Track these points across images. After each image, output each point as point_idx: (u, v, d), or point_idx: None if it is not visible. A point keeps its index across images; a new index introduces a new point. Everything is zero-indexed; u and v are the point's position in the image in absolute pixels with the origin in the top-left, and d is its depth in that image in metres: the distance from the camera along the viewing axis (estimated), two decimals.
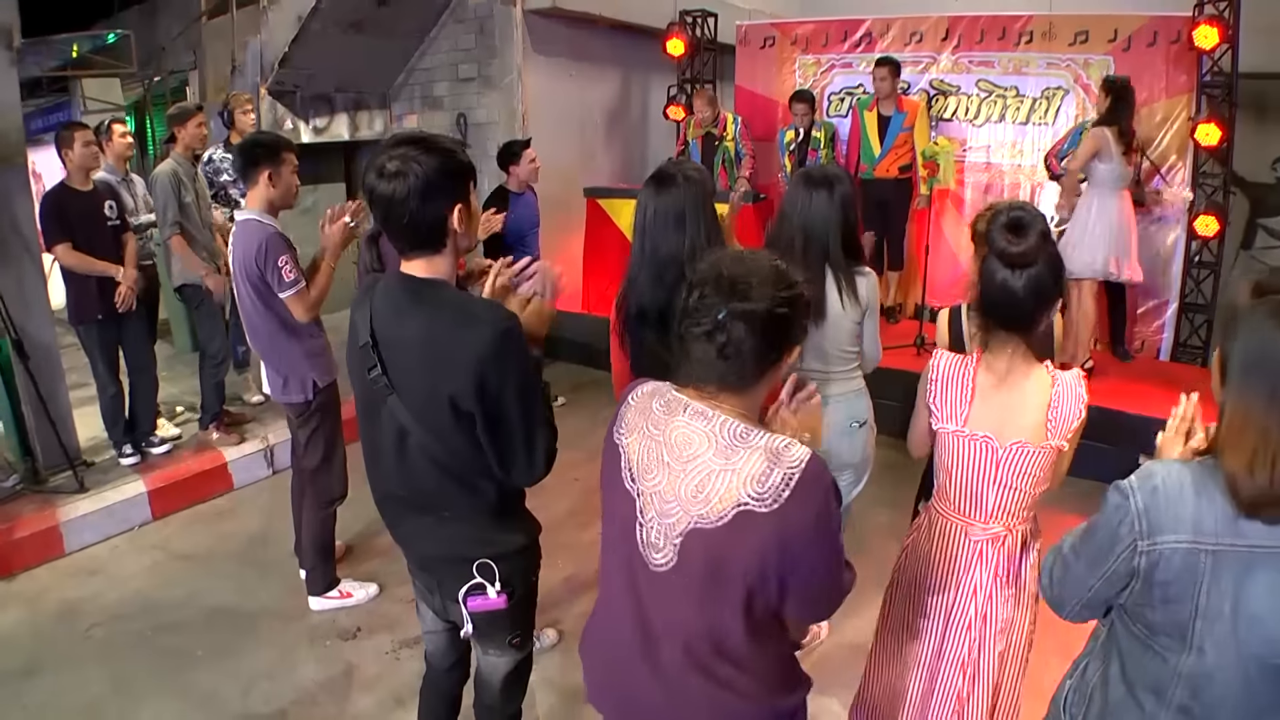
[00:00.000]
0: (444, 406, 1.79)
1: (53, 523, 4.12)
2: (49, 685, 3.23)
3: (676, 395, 1.52)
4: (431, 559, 2.08)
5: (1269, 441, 1.24)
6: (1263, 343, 1.27)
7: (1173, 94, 6.12)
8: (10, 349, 4.26)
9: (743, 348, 1.41)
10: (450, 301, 1.85)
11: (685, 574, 1.46)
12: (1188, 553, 1.31)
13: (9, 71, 4.32)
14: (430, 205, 1.78)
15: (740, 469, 1.41)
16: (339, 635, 3.51)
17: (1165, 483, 1.36)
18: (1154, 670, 1.39)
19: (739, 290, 1.40)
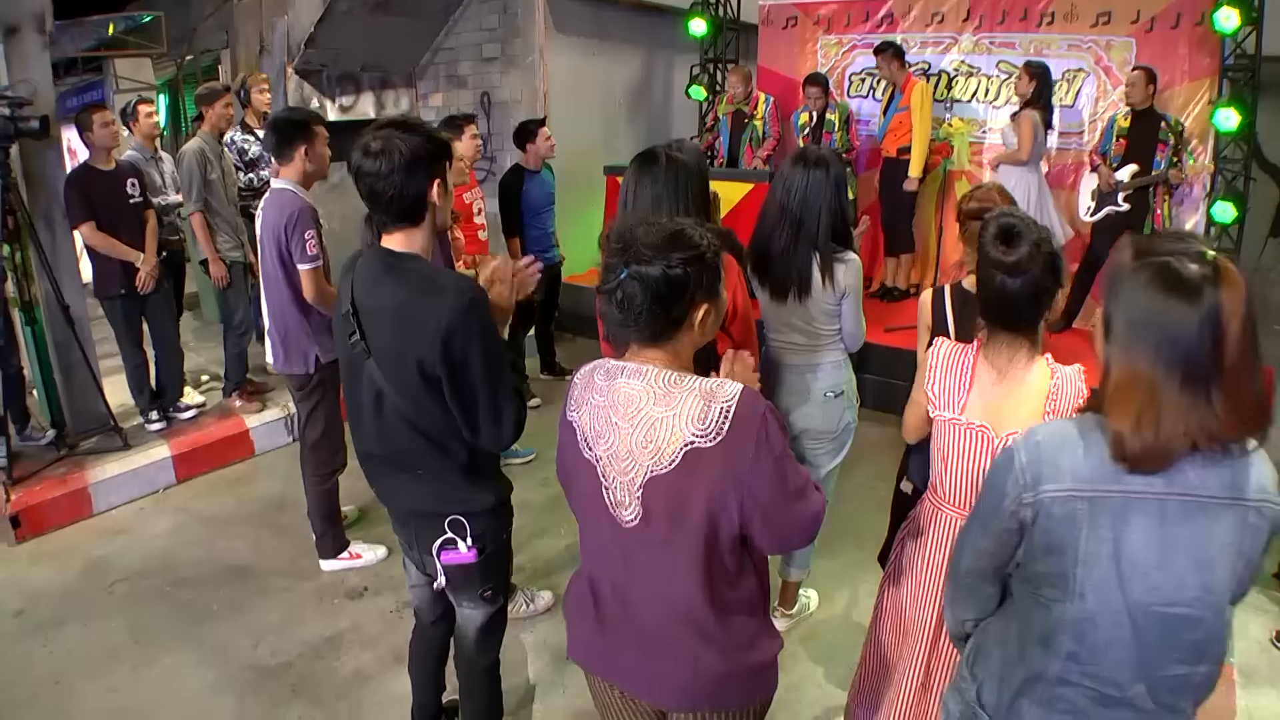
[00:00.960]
0: (413, 371, 1.93)
1: (83, 484, 4.33)
2: (74, 635, 3.43)
3: (615, 363, 1.63)
4: (408, 514, 2.22)
5: (1154, 399, 1.29)
6: (1148, 304, 1.31)
7: (1195, 77, 6.02)
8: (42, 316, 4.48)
9: (640, 305, 1.53)
10: (420, 272, 1.99)
11: (652, 523, 1.56)
12: (1066, 500, 1.37)
13: (41, 55, 4.48)
14: (412, 180, 1.93)
15: (680, 411, 1.52)
16: (346, 594, 3.67)
17: (1046, 437, 1.42)
18: (1041, 622, 1.45)
19: (636, 253, 1.52)
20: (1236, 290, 1.26)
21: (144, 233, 4.66)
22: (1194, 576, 1.33)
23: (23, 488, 4.19)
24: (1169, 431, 1.29)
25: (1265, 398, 1.31)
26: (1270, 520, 1.34)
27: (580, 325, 7.01)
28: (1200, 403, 1.28)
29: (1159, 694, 1.41)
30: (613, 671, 1.76)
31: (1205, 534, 1.33)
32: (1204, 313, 1.26)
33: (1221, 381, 1.28)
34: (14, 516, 4.08)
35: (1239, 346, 1.27)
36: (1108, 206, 5.77)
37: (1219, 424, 1.28)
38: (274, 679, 3.18)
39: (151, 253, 4.65)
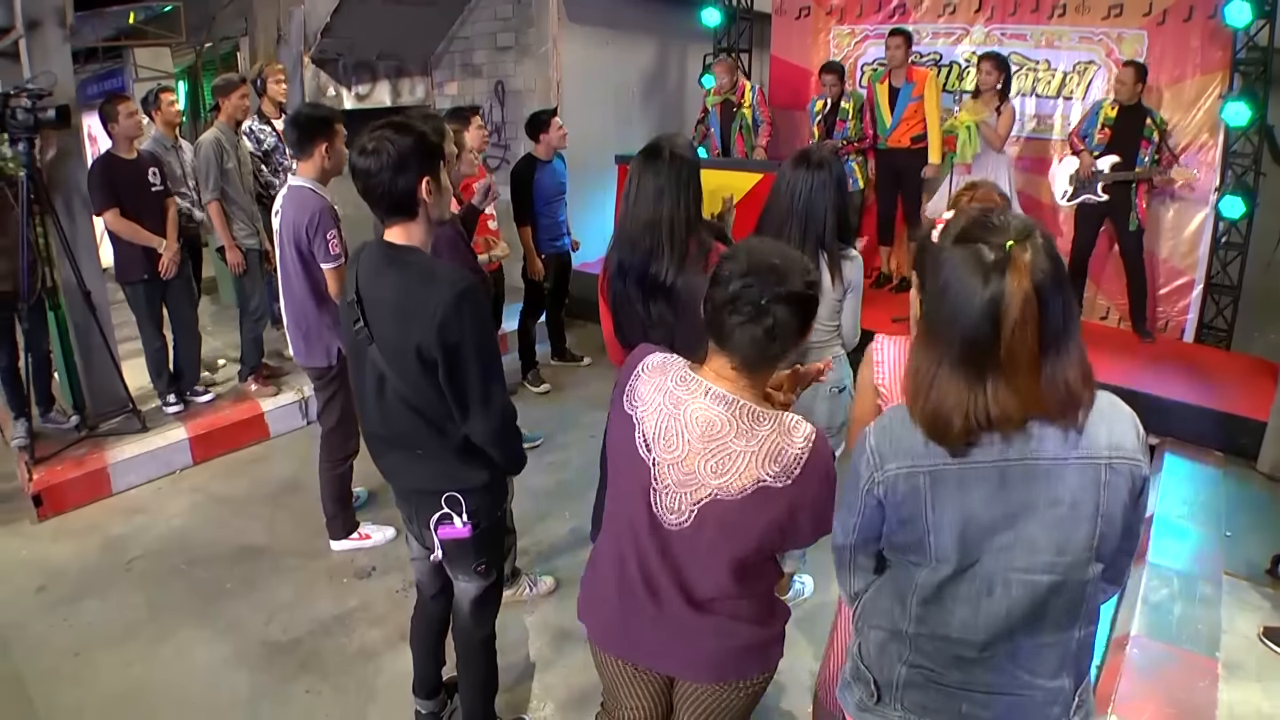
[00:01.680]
0: (412, 356, 2.07)
1: (102, 465, 4.46)
2: (94, 609, 3.56)
3: (693, 375, 1.70)
4: (408, 490, 2.37)
5: (931, 379, 1.36)
6: (942, 283, 1.36)
7: (1207, 70, 5.98)
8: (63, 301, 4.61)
9: (788, 327, 1.61)
10: (418, 264, 2.12)
11: (702, 533, 1.67)
12: (908, 476, 1.42)
13: (62, 49, 4.58)
14: (401, 177, 2.06)
15: (759, 450, 1.61)
16: (355, 574, 3.79)
17: (890, 419, 1.49)
18: (902, 581, 1.52)
19: (779, 277, 1.59)
20: (1023, 279, 1.28)
21: (165, 220, 4.77)
22: (1046, 538, 1.37)
23: (44, 467, 4.33)
24: (946, 409, 1.34)
25: (1069, 386, 1.33)
26: (1126, 476, 1.37)
27: (589, 312, 7.02)
28: (976, 388, 1.32)
29: (1028, 662, 1.45)
30: (636, 650, 1.87)
31: (1053, 495, 1.36)
32: (985, 298, 1.29)
33: (999, 369, 1.31)
34: (36, 496, 4.21)
35: (1021, 335, 1.28)
36: (1085, 194, 5.83)
37: (996, 411, 1.32)
38: (284, 654, 3.30)
39: (173, 239, 4.76)
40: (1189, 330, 6.23)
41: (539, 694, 3.11)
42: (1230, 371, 5.46)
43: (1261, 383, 5.08)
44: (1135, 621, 3.23)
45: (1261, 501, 4.37)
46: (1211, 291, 6.16)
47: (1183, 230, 6.17)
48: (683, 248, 2.59)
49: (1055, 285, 1.30)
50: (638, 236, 2.62)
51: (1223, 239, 6.07)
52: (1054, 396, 1.32)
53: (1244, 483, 4.54)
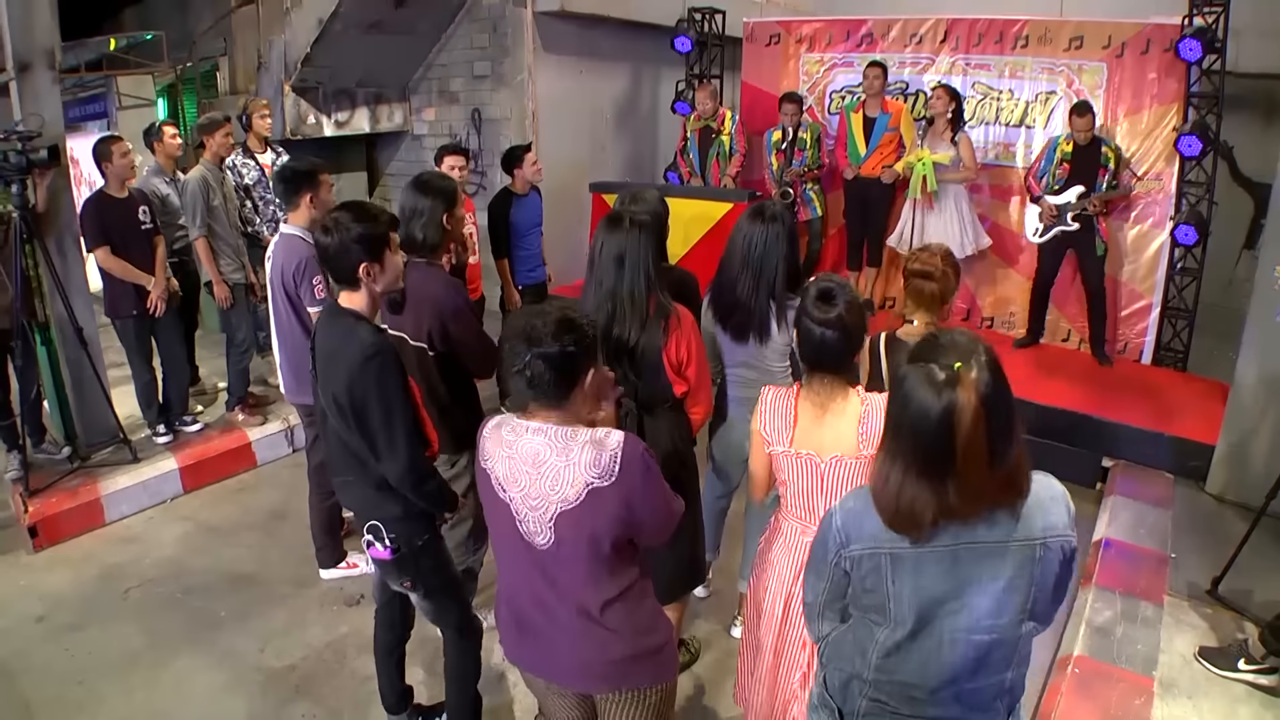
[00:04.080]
0: (332, 401, 2.45)
1: (95, 495, 4.60)
2: (93, 639, 3.71)
3: (518, 421, 2.00)
4: (353, 510, 2.75)
5: (898, 484, 1.59)
6: (903, 400, 1.59)
7: (1164, 101, 6.23)
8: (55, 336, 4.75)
9: (543, 379, 1.89)
10: (348, 326, 2.47)
11: (563, 545, 1.94)
12: (870, 556, 1.69)
13: (52, 90, 4.74)
14: (346, 257, 2.43)
15: (578, 460, 1.90)
16: (344, 602, 3.96)
17: (854, 503, 1.74)
18: (865, 636, 1.77)
19: (535, 339, 1.88)
20: (970, 395, 1.51)
21: (154, 258, 4.92)
22: (988, 605, 1.63)
23: (39, 499, 4.46)
24: (916, 508, 1.58)
25: (1012, 483, 1.59)
26: (1056, 551, 1.63)
27: None
28: (938, 489, 1.56)
29: (969, 699, 1.73)
30: (541, 668, 2.15)
31: (995, 572, 1.62)
32: (940, 410, 1.52)
33: (956, 473, 1.54)
34: (32, 527, 4.34)
35: (971, 441, 1.52)
36: (1057, 227, 6.08)
37: (958, 504, 1.56)
38: (280, 681, 3.46)
39: (161, 277, 4.91)
40: (1147, 352, 6.48)
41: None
42: (1184, 395, 5.70)
43: (1212, 406, 5.31)
44: (1079, 643, 3.45)
45: (1208, 523, 4.59)
46: (1168, 315, 6.42)
47: (1141, 255, 6.44)
48: (643, 311, 2.76)
49: (998, 396, 1.54)
50: (600, 301, 2.80)
51: (1179, 264, 6.32)
52: (1001, 488, 1.59)
53: (1192, 505, 4.77)
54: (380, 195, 8.97)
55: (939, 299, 2.86)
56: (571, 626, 2.02)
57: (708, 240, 6.37)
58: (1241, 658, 3.43)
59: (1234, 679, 3.40)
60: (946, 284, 2.84)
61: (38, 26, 4.64)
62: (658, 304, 2.78)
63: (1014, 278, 6.96)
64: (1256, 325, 4.87)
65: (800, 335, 2.30)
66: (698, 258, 6.14)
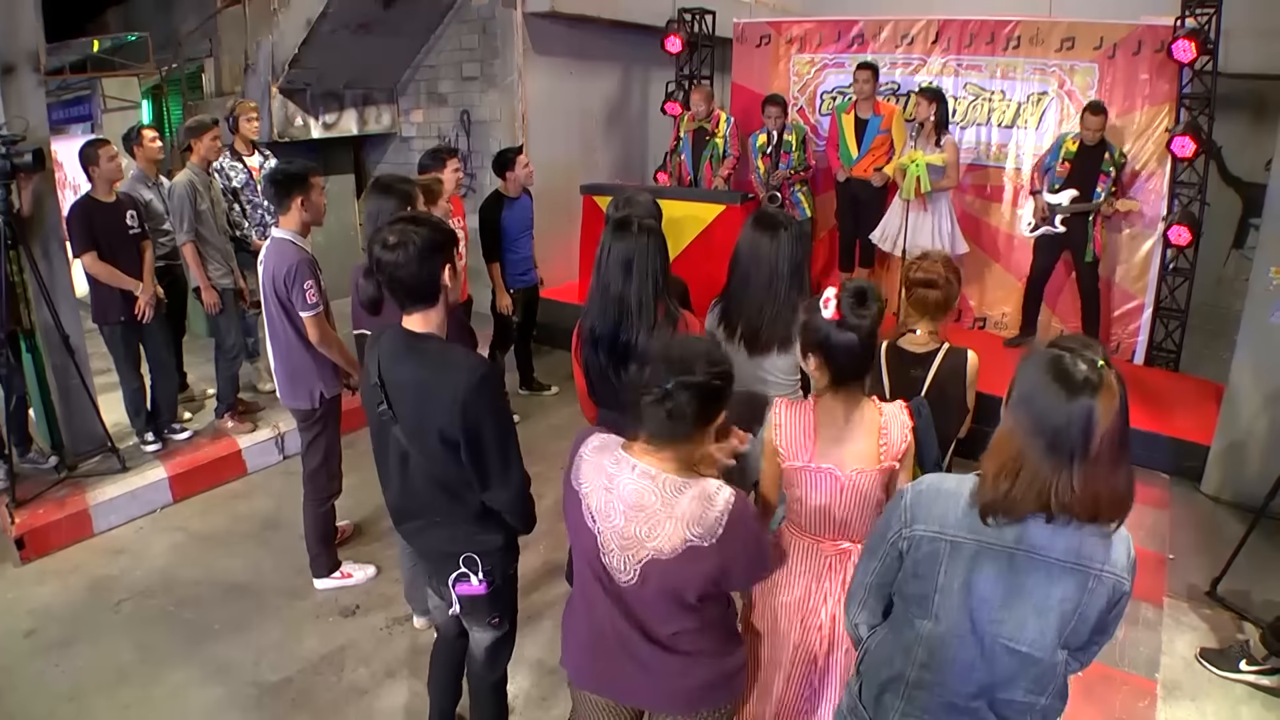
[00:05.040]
0: (435, 436, 2.25)
1: (83, 506, 4.51)
2: (84, 654, 3.63)
3: (623, 454, 1.90)
4: (428, 552, 2.57)
5: (1018, 458, 1.57)
6: (1037, 384, 1.57)
7: (1155, 102, 6.27)
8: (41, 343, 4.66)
9: (686, 411, 1.80)
10: (437, 351, 2.31)
11: (647, 588, 1.88)
12: (932, 540, 1.68)
13: (36, 93, 4.65)
14: (426, 266, 2.25)
15: (682, 515, 1.81)
16: (339, 612, 3.89)
17: (928, 485, 1.74)
18: (907, 634, 1.76)
19: (683, 367, 1.80)
20: (1112, 399, 1.52)
21: (142, 263, 4.84)
22: (1034, 620, 1.62)
23: (26, 510, 4.38)
24: (1022, 489, 1.55)
25: (1124, 497, 1.58)
26: (1109, 588, 1.61)
27: (555, 338, 7.21)
28: (1062, 474, 1.54)
29: (1004, 712, 1.71)
30: (612, 688, 2.10)
31: (1045, 588, 1.61)
32: (1078, 408, 1.51)
33: (1085, 466, 1.52)
34: (19, 539, 4.25)
35: (1108, 444, 1.52)
36: (1045, 227, 6.13)
37: (1073, 499, 1.54)
38: (276, 695, 3.40)
39: (149, 282, 4.83)
40: (1139, 352, 6.50)
41: None
42: (1177, 395, 5.71)
43: (1206, 406, 5.33)
44: None
45: (1204, 523, 4.61)
46: (1160, 315, 6.44)
47: (1134, 256, 6.47)
48: (651, 316, 2.73)
49: (1126, 405, 1.56)
50: (608, 306, 2.76)
51: (1171, 265, 6.35)
52: (1115, 500, 1.57)
53: (1188, 505, 4.78)
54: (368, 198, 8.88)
55: (942, 307, 2.84)
56: (648, 653, 1.96)
57: (699, 242, 6.34)
58: (1243, 659, 3.45)
59: (1235, 680, 3.42)
60: (949, 291, 2.83)
61: (21, 27, 4.55)
62: (666, 310, 2.75)
63: (1005, 278, 6.97)
64: (1251, 326, 4.88)
65: (831, 350, 2.18)
66: (689, 260, 6.10)
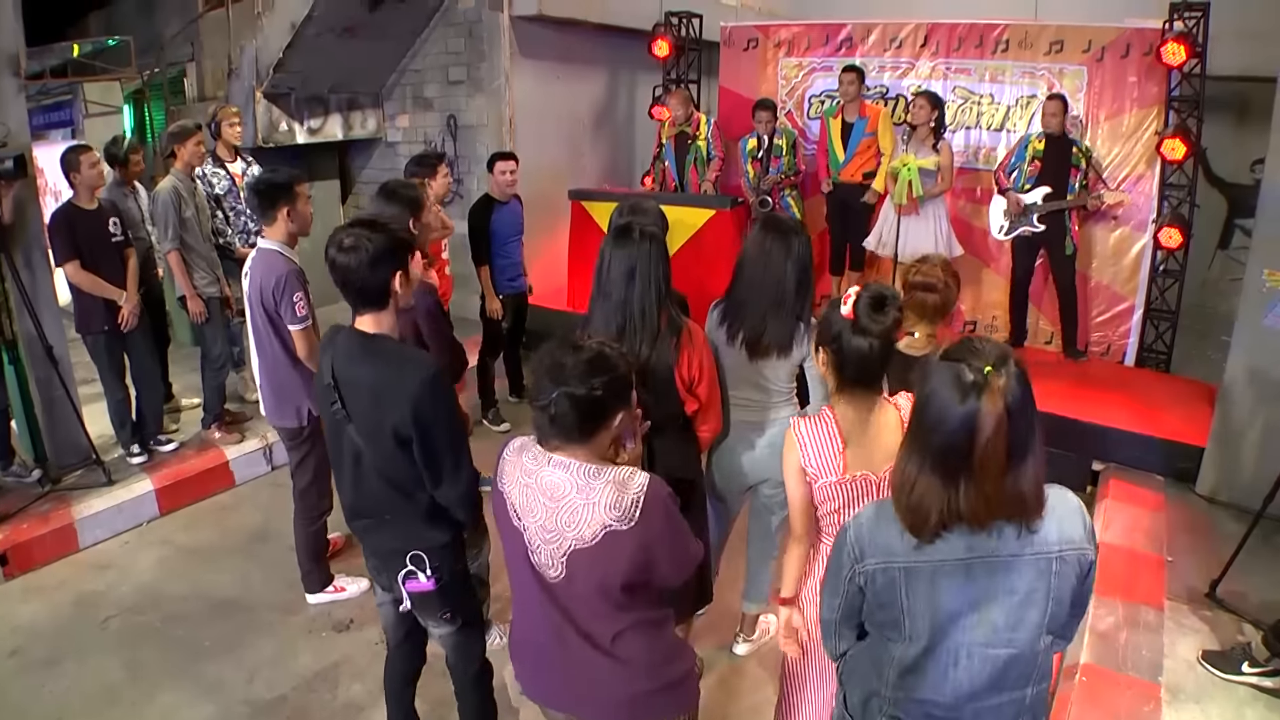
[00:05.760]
0: (389, 434, 2.27)
1: (68, 520, 4.42)
2: (71, 673, 3.54)
3: (540, 450, 1.92)
4: (378, 550, 2.58)
5: (913, 476, 1.57)
6: (928, 395, 1.57)
7: (1144, 105, 6.27)
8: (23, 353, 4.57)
9: (567, 419, 1.83)
10: (390, 352, 2.35)
11: (575, 581, 1.88)
12: (884, 571, 1.66)
13: (17, 98, 4.56)
14: (377, 272, 2.28)
15: (598, 501, 1.82)
16: (333, 627, 3.83)
17: (868, 518, 1.72)
18: (881, 653, 1.75)
19: (563, 377, 1.81)
20: (997, 401, 1.48)
21: (125, 271, 4.75)
22: (1004, 619, 1.61)
23: (9, 525, 4.28)
24: (925, 504, 1.56)
25: (1026, 497, 1.55)
26: (1074, 564, 1.61)
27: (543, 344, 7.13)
28: (949, 486, 1.54)
29: (988, 716, 1.70)
30: (560, 701, 2.08)
31: (1010, 585, 1.60)
32: (964, 413, 1.50)
33: (971, 475, 1.51)
34: (2, 555, 4.16)
35: (992, 449, 1.49)
36: (1022, 227, 6.13)
37: (966, 509, 1.54)
38: (270, 714, 3.33)
39: (133, 291, 4.74)
40: (1130, 354, 6.51)
41: None
42: (1170, 396, 5.71)
43: (1198, 407, 5.34)
44: (1084, 651, 3.42)
45: (1200, 525, 4.60)
46: (1151, 316, 6.45)
47: (1123, 257, 6.46)
48: (654, 326, 2.68)
49: (1022, 408, 1.51)
50: (610, 315, 2.71)
51: (1160, 266, 6.36)
52: (1014, 501, 1.55)
53: (1184, 507, 4.77)
54: (354, 204, 8.80)
55: (941, 310, 2.83)
56: (587, 659, 1.95)
57: (689, 248, 6.29)
58: (1245, 661, 3.44)
59: (1238, 682, 3.41)
60: (948, 295, 2.82)
61: (2, 30, 4.49)
62: (669, 319, 2.71)
63: (995, 281, 6.97)
64: (1245, 328, 4.89)
65: (843, 351, 2.16)
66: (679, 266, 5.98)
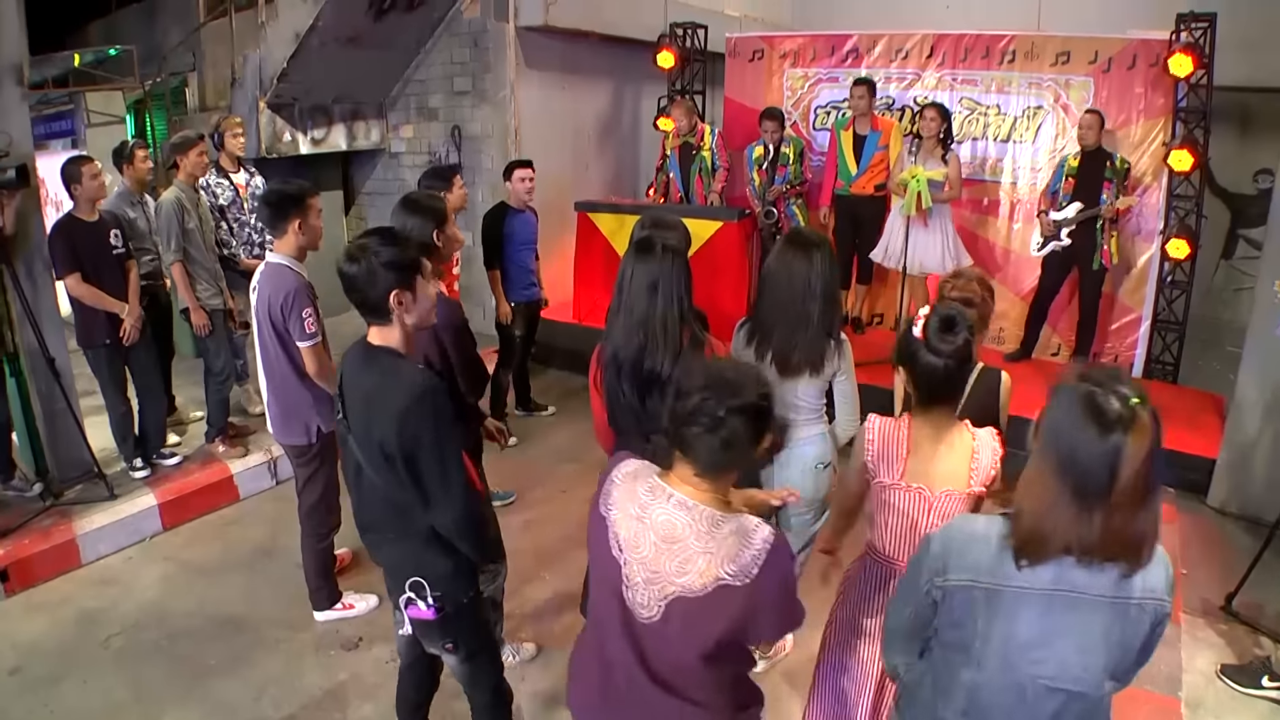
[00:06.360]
0: (377, 449, 2.21)
1: (70, 535, 4.34)
2: (74, 693, 3.47)
3: (659, 483, 1.79)
4: (388, 567, 2.52)
5: (1046, 498, 1.53)
6: (1067, 420, 1.51)
7: (1150, 116, 6.27)
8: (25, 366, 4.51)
9: (742, 437, 1.69)
10: (387, 365, 2.27)
11: (669, 626, 1.75)
12: (967, 588, 1.64)
13: (20, 106, 4.51)
14: (377, 286, 2.22)
15: (716, 552, 1.69)
16: (342, 645, 3.75)
17: (958, 531, 1.71)
18: (947, 679, 1.72)
19: (734, 390, 1.69)
20: (1144, 439, 1.46)
21: (127, 283, 4.69)
22: (1076, 659, 1.58)
23: (10, 540, 4.21)
24: (1049, 529, 1.53)
25: (1144, 539, 1.53)
26: (1150, 613, 1.58)
27: (550, 357, 7.15)
28: (1084, 517, 1.50)
29: None
30: None
31: (1086, 625, 1.57)
32: (1108, 447, 1.46)
33: (1107, 508, 1.49)
34: (2, 570, 4.08)
35: (1131, 486, 1.47)
36: (1052, 243, 6.10)
37: (1095, 541, 1.50)
38: None
39: (135, 304, 4.68)
40: (1138, 365, 6.47)
41: None
42: (1178, 407, 5.67)
43: (1207, 419, 5.32)
44: None
45: (1213, 537, 4.58)
46: (1158, 328, 6.43)
47: (1130, 268, 6.44)
48: (676, 342, 2.64)
49: (1158, 445, 1.50)
50: (631, 331, 2.66)
51: (1168, 278, 6.34)
52: (1135, 541, 1.52)
53: (1195, 519, 4.75)
54: (356, 214, 8.77)
55: (979, 325, 2.78)
56: (657, 700, 1.82)
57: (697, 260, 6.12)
58: (1265, 675, 3.45)
59: (1258, 697, 3.41)
60: (986, 310, 2.79)
61: (5, 39, 4.43)
62: (691, 335, 2.66)
63: (1003, 292, 6.90)
64: (1256, 339, 4.87)
65: (918, 370, 2.17)
66: None
